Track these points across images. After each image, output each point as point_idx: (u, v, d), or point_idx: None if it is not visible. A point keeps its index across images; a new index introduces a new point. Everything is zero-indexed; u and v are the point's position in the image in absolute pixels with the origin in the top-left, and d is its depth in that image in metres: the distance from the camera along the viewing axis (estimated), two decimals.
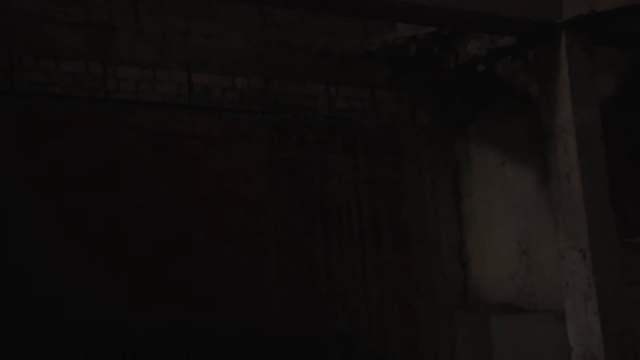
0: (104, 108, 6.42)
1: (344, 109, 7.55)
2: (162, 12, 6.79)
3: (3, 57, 6.11)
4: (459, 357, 7.23)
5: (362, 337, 7.08)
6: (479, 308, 7.24)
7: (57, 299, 5.82)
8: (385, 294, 7.29)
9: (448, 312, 7.35)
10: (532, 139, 6.57)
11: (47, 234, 5.95)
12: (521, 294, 6.96)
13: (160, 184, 6.51)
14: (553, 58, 5.31)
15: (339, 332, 6.96)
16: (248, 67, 7.10)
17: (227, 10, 6.99)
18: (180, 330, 6.15)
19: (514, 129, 7.22)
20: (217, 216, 6.75)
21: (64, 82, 6.34)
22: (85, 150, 6.24)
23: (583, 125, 5.22)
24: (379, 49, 7.45)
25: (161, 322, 6.12)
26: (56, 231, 5.99)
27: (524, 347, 6.71)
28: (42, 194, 5.99)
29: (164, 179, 6.54)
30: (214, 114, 6.88)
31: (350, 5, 5.09)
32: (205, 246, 6.60)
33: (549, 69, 5.36)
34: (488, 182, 7.42)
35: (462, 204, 7.66)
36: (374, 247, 7.37)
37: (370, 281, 7.29)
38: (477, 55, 6.71)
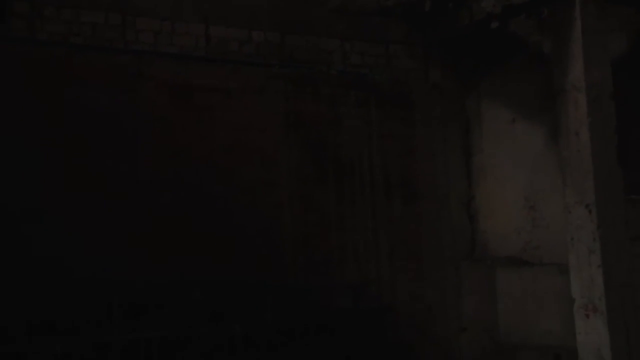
0: (122, 59, 6.48)
1: (358, 64, 7.58)
2: None
3: (25, 6, 6.16)
4: (465, 308, 7.38)
5: (371, 286, 7.23)
6: (485, 261, 7.36)
7: (75, 254, 5.98)
8: (394, 245, 7.41)
9: (455, 264, 7.48)
10: (543, 97, 6.58)
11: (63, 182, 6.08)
12: (527, 248, 7.06)
13: (176, 134, 6.60)
14: (567, 16, 5.31)
15: (349, 281, 7.11)
16: (265, 21, 7.11)
17: None
18: (197, 280, 6.27)
19: (525, 87, 7.23)
20: (233, 167, 6.85)
21: (84, 32, 6.40)
22: (104, 100, 6.32)
23: (594, 83, 5.25)
24: (394, 5, 7.42)
25: (178, 275, 6.24)
26: (72, 177, 6.11)
27: (528, 298, 6.84)
28: (61, 144, 6.09)
29: (180, 130, 6.62)
30: (230, 66, 6.92)
31: None
32: (221, 197, 6.71)
33: (562, 27, 5.37)
34: (498, 139, 7.47)
35: (471, 159, 7.73)
36: (384, 200, 7.47)
37: (380, 233, 7.41)
38: (492, 13, 6.69)
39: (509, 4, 6.47)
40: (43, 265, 5.76)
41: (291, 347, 6.38)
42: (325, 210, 7.27)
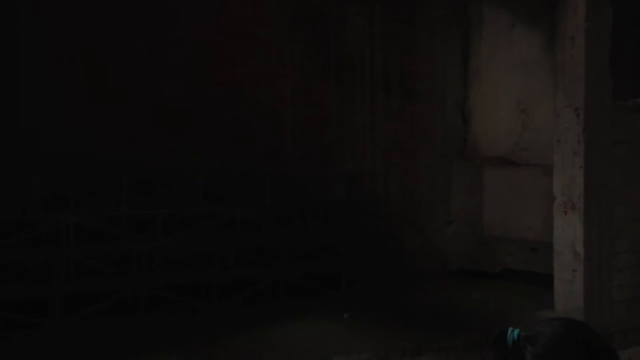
0: None
1: None
2: None
3: None
4: (453, 202, 7.58)
5: (365, 179, 7.40)
6: (475, 160, 7.49)
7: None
8: (389, 141, 7.53)
9: (446, 162, 7.61)
10: (544, 4, 6.50)
11: None
12: (515, 149, 7.18)
13: (184, 22, 6.56)
14: None
15: (345, 173, 7.27)
16: None
17: None
18: (201, 166, 6.38)
19: None
20: (238, 58, 6.86)
21: None
22: None
23: None
24: None
25: (184, 160, 6.35)
26: None
27: (512, 196, 7.01)
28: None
29: (187, 18, 6.57)
30: None
31: None
32: (226, 86, 6.75)
33: None
34: (496, 43, 7.42)
35: (469, 62, 7.70)
36: (382, 97, 7.52)
37: (377, 129, 7.51)
38: None
39: None
40: (61, 144, 5.89)
41: (286, 230, 6.61)
42: (326, 105, 7.34)
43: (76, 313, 5.32)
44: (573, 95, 5.22)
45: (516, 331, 1.63)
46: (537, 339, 1.61)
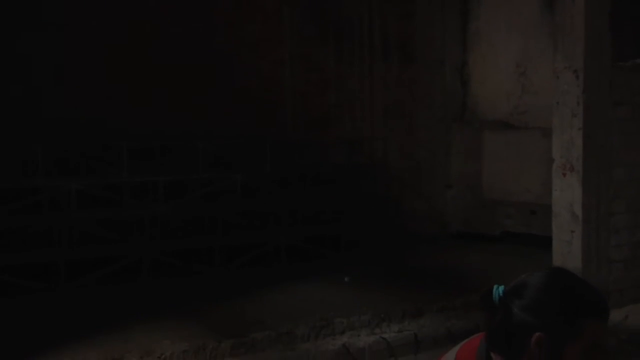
0: None
1: None
2: None
3: None
4: (452, 166, 7.56)
5: (365, 143, 7.37)
6: (474, 123, 7.44)
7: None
8: (388, 105, 7.48)
9: (445, 126, 7.57)
10: None
11: None
12: (514, 112, 7.13)
13: None
14: None
15: (344, 138, 7.23)
16: None
17: None
18: (201, 133, 6.35)
19: None
20: (237, 23, 6.77)
21: None
22: None
23: None
24: None
25: (183, 127, 6.31)
26: None
27: (512, 159, 6.99)
28: None
29: None
30: None
31: None
32: (225, 52, 6.68)
33: None
34: (496, 5, 7.31)
35: (468, 25, 7.61)
36: (382, 61, 7.44)
37: (376, 93, 7.45)
38: None
39: None
40: (61, 114, 5.85)
41: (287, 193, 6.61)
42: (325, 70, 7.28)
43: (80, 279, 5.34)
44: (572, 57, 5.15)
45: (501, 288, 1.63)
46: (523, 290, 1.60)
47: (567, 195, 5.19)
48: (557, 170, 5.29)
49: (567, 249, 5.12)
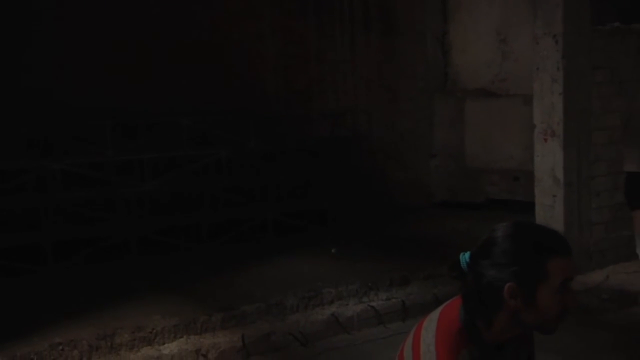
0: None
1: None
2: None
3: None
4: (435, 135, 7.59)
5: (348, 115, 7.36)
6: (456, 93, 7.46)
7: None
8: (371, 77, 7.46)
9: (428, 96, 7.58)
10: None
11: None
12: (495, 80, 7.14)
13: None
14: None
15: (328, 110, 7.22)
16: None
17: None
18: (185, 109, 6.30)
19: None
20: None
21: None
22: None
23: None
24: None
25: (167, 103, 6.25)
26: None
27: (494, 127, 7.03)
28: None
29: None
30: None
31: None
32: (206, 26, 6.61)
33: None
34: None
35: None
36: (363, 33, 7.41)
37: (358, 65, 7.43)
38: None
39: None
40: (41, 93, 5.78)
41: (272, 167, 6.61)
42: (306, 43, 7.23)
43: (67, 260, 5.33)
44: (552, 23, 5.16)
45: (467, 254, 1.67)
46: (487, 249, 1.64)
47: (548, 160, 5.24)
48: (539, 135, 5.33)
49: (550, 213, 5.17)
